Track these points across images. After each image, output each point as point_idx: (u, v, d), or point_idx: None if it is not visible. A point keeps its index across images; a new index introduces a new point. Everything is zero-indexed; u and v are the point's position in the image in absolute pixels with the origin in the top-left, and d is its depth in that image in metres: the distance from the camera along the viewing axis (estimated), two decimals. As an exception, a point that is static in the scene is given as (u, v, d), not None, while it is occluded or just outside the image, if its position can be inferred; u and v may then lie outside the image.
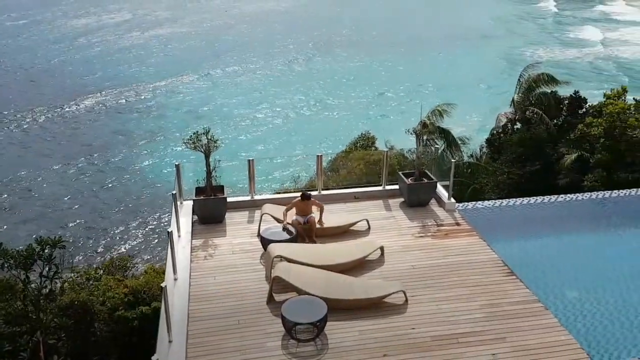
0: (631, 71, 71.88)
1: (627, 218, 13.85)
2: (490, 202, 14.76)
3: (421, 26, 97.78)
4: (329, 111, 58.11)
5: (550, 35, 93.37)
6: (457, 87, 62.05)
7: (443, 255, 11.25)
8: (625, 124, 18.72)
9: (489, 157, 25.60)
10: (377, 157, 18.36)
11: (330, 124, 54.06)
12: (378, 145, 23.93)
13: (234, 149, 45.38)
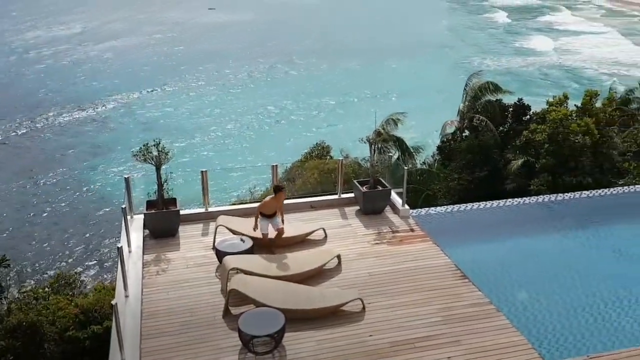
0: (576, 77, 75.50)
1: (571, 220, 14.40)
2: (442, 207, 15.04)
3: (379, 36, 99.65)
4: (285, 121, 58.23)
5: (500, 45, 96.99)
6: (412, 94, 63.45)
7: (398, 261, 11.38)
8: (567, 129, 19.55)
9: (440, 164, 26.22)
10: (332, 165, 18.49)
11: (287, 133, 54.14)
12: (333, 154, 24.10)
13: (190, 161, 44.71)
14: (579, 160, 19.44)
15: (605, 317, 10.28)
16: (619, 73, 73.91)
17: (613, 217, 14.41)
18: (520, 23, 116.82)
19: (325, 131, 49.91)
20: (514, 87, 42.19)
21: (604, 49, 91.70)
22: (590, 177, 19.11)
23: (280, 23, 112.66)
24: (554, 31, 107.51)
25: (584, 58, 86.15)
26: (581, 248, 13.30)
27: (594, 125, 19.73)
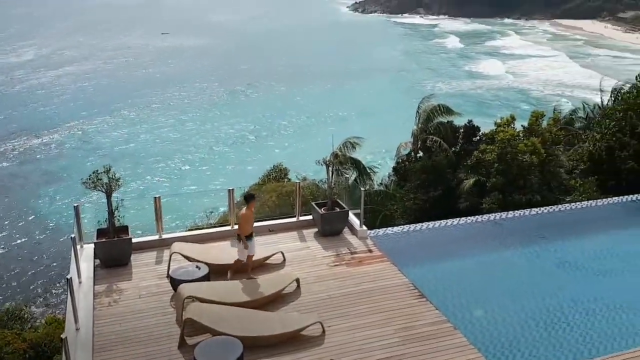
0: (523, 98, 78.62)
1: (522, 237, 14.82)
2: (399, 227, 15.20)
3: (337, 61, 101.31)
4: (243, 144, 57.97)
5: (452, 68, 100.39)
6: (369, 117, 64.54)
7: (357, 282, 11.40)
8: (515, 149, 20.24)
9: (396, 185, 26.61)
10: (290, 188, 18.44)
11: (244, 156, 53.87)
12: (291, 177, 24.10)
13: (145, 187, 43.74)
14: (527, 178, 20.11)
15: (558, 331, 10.55)
16: (563, 94, 77.58)
17: (561, 233, 14.92)
18: (471, 47, 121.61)
19: (283, 153, 49.96)
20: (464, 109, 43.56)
21: (549, 71, 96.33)
22: (539, 195, 19.78)
23: (236, 48, 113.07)
24: (503, 55, 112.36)
25: (530, 80, 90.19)
26: (532, 264, 13.68)
27: (541, 144, 20.51)
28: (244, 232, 11.06)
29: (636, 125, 20.90)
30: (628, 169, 20.57)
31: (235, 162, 51.87)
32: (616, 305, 11.31)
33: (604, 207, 16.31)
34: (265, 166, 27.87)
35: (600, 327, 10.60)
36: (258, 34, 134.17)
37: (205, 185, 44.19)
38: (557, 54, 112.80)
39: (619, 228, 15.37)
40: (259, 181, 23.92)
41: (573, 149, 24.65)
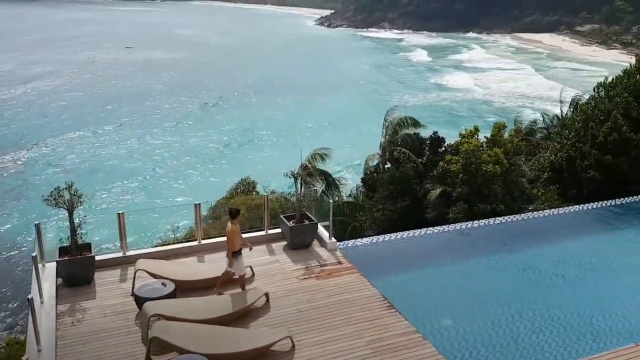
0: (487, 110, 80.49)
1: (486, 245, 15.09)
2: (368, 238, 15.27)
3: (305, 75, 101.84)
4: (211, 158, 57.43)
5: (418, 81, 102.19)
6: (338, 129, 64.93)
7: (327, 295, 11.37)
8: (479, 160, 20.65)
9: (365, 196, 26.76)
10: (259, 201, 18.32)
11: (212, 170, 53.37)
12: (259, 190, 23.98)
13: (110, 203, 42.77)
14: (491, 188, 20.51)
15: (524, 339, 10.72)
16: (524, 105, 79.81)
17: (525, 242, 15.27)
18: (436, 61, 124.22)
19: (252, 167, 49.71)
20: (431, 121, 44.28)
21: (512, 83, 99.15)
22: (503, 204, 20.18)
23: (204, 62, 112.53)
24: (468, 68, 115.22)
25: (494, 92, 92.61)
26: (497, 272, 13.92)
27: (503, 154, 20.99)
28: (234, 248, 10.98)
29: (596, 136, 21.61)
30: (589, 178, 21.20)
31: (203, 176, 51.34)
32: (579, 312, 11.59)
33: (565, 216, 16.77)
34: (234, 180, 27.67)
35: (564, 333, 10.83)
36: (226, 48, 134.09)
37: (172, 200, 43.54)
38: (519, 66, 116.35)
39: (580, 236, 15.83)
40: (227, 195, 23.71)
41: (534, 158, 25.31)
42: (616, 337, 10.55)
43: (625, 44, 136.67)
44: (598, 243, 15.51)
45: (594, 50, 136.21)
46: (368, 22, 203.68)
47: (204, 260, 12.79)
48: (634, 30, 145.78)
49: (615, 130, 21.05)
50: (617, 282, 13.11)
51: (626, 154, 20.85)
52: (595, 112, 22.45)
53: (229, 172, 47.06)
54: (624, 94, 22.07)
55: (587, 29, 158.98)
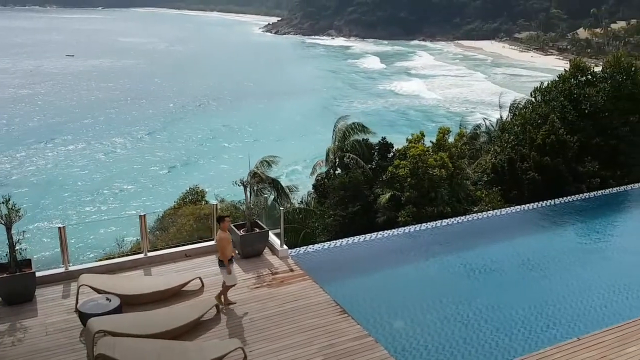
0: (433, 115, 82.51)
1: (435, 247, 15.45)
2: (320, 244, 15.29)
3: (255, 82, 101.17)
4: (157, 168, 56.09)
5: (367, 88, 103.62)
6: (288, 136, 64.86)
7: (279, 303, 11.29)
8: (426, 164, 21.17)
9: (316, 202, 26.86)
10: (208, 211, 18.02)
11: (159, 180, 52.12)
12: (208, 199, 23.60)
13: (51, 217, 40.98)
14: (438, 191, 21.07)
15: (472, 337, 11.00)
16: (468, 110, 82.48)
17: (470, 242, 15.72)
18: (386, 68, 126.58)
19: (201, 176, 48.92)
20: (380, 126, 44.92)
21: (456, 89, 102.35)
22: (449, 206, 20.76)
23: (150, 70, 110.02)
24: (414, 74, 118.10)
25: (439, 97, 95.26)
26: (445, 272, 14.25)
27: (448, 158, 21.61)
28: (226, 257, 10.81)
29: (534, 138, 22.57)
30: (529, 179, 22.11)
31: (150, 187, 50.08)
32: (524, 309, 12.00)
33: (508, 216, 17.38)
34: (182, 189, 27.11)
35: (510, 330, 11.19)
36: (175, 55, 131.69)
37: (117, 212, 42.19)
38: (464, 72, 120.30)
39: (522, 235, 16.45)
40: (175, 205, 23.22)
41: (477, 161, 26.18)
42: (559, 332, 10.98)
43: (561, 50, 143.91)
44: (539, 242, 16.17)
45: (532, 56, 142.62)
46: (315, 30, 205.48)
47: (150, 273, 12.45)
48: (569, 36, 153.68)
49: (553, 133, 22.07)
50: (558, 279, 13.68)
51: (563, 155, 21.87)
52: (533, 115, 23.47)
53: (180, 181, 46.14)
54: (559, 98, 23.20)
55: (524, 35, 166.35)
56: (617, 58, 23.18)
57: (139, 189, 49.70)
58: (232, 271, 10.96)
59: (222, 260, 10.92)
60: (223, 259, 10.87)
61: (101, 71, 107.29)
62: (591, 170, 21.69)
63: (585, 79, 23.48)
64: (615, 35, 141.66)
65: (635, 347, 9.70)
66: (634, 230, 17.78)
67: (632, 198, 19.56)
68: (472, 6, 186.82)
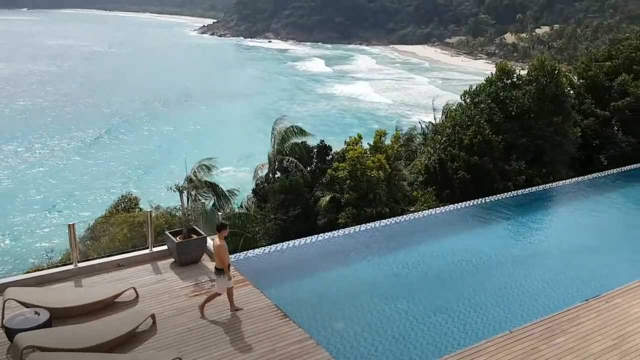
0: (372, 116, 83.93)
1: (375, 247, 15.71)
2: (260, 249, 15.18)
3: (194, 84, 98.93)
4: (90, 175, 53.79)
5: (306, 90, 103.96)
6: (226, 140, 63.92)
7: (219, 311, 11.08)
8: (364, 166, 21.48)
9: (257, 206, 26.63)
10: (142, 218, 17.44)
11: (90, 188, 49.99)
12: (142, 206, 22.84)
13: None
14: (376, 192, 21.42)
15: (410, 334, 11.26)
16: (405, 112, 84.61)
17: (408, 241, 16.11)
18: (325, 71, 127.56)
19: (134, 182, 47.38)
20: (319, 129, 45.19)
21: (393, 92, 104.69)
22: (387, 207, 21.16)
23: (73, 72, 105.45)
24: (352, 77, 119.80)
25: (376, 100, 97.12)
26: (384, 272, 14.52)
27: (385, 160, 22.03)
28: (225, 264, 10.64)
29: (463, 139, 23.43)
30: (459, 179, 22.91)
31: (80, 195, 47.93)
32: (459, 304, 12.42)
33: (442, 215, 17.96)
34: (114, 197, 26.15)
35: (446, 326, 11.53)
36: (110, 58, 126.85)
37: (46, 222, 40.08)
38: (400, 76, 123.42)
39: (456, 233, 17.03)
40: (107, 213, 22.29)
41: (413, 163, 26.87)
42: (492, 326, 11.42)
43: (490, 54, 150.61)
44: (472, 239, 16.79)
45: (462, 60, 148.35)
46: (252, 32, 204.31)
47: (81, 284, 11.90)
48: (497, 41, 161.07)
49: (479, 133, 23.01)
50: (491, 275, 14.25)
51: (490, 154, 22.83)
52: (462, 117, 24.38)
53: (113, 189, 44.47)
54: (487, 100, 24.20)
55: (455, 40, 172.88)
56: (541, 62, 24.43)
57: (70, 197, 47.47)
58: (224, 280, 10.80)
59: (219, 269, 10.75)
60: (223, 267, 10.72)
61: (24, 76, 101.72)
62: (517, 169, 22.76)
63: (510, 81, 24.62)
64: (539, 40, 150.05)
65: (563, 338, 10.24)
66: (559, 225, 18.87)
67: (557, 195, 20.73)
68: (405, 12, 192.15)
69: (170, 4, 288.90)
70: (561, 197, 20.62)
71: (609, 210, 19.52)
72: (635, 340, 10.16)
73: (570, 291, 12.93)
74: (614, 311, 11.19)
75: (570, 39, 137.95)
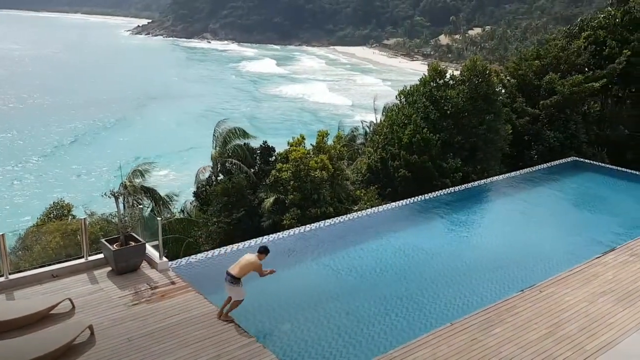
0: (315, 116, 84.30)
1: (319, 247, 15.74)
2: (203, 254, 14.86)
3: (127, 87, 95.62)
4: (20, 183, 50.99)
5: (248, 92, 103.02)
6: (166, 144, 62.24)
7: (161, 319, 10.78)
8: (307, 166, 21.53)
9: (199, 210, 26.11)
10: (76, 226, 16.70)
11: (21, 196, 47.40)
12: (76, 213, 21.88)
13: None
14: (320, 192, 21.52)
15: (356, 332, 11.36)
16: (348, 113, 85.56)
17: (352, 240, 16.25)
18: (264, 72, 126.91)
19: (66, 189, 45.35)
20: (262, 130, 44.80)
21: (337, 93, 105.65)
22: (331, 207, 21.31)
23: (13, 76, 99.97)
24: (299, 78, 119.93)
25: (320, 101, 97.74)
26: (328, 272, 14.58)
27: (328, 160, 22.17)
28: (263, 272, 11.06)
29: (401, 138, 23.96)
30: (400, 177, 23.41)
31: (9, 203, 45.37)
32: (402, 300, 12.67)
33: (385, 213, 18.28)
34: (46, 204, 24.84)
35: (391, 322, 11.72)
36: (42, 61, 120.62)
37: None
38: (342, 77, 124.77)
39: (399, 230, 17.36)
40: (38, 221, 21.17)
41: (355, 162, 27.20)
42: (434, 319, 11.72)
43: (425, 55, 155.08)
44: (415, 235, 17.17)
45: (400, 62, 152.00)
46: (189, 32, 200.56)
47: (13, 297, 11.27)
48: (432, 42, 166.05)
49: (417, 132, 23.61)
50: (431, 269, 14.63)
51: (428, 152, 23.47)
52: (399, 117, 24.93)
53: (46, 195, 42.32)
54: (422, 99, 24.85)
55: (392, 42, 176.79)
56: (474, 62, 25.33)
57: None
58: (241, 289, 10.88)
59: (237, 278, 10.71)
60: (262, 273, 11.00)
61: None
62: (454, 166, 23.52)
63: (443, 81, 25.39)
64: (472, 41, 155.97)
65: (500, 328, 10.64)
66: (494, 219, 19.64)
67: (491, 190, 21.58)
68: (344, 13, 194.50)
69: (102, 4, 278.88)
70: (496, 192, 21.48)
71: (540, 203, 20.52)
72: (568, 327, 10.72)
73: (506, 282, 13.47)
74: (548, 300, 11.76)
75: (501, 40, 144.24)
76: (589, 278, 12.74)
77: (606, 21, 29.29)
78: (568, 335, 10.43)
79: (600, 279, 12.72)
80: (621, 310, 11.28)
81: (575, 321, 10.90)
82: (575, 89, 26.99)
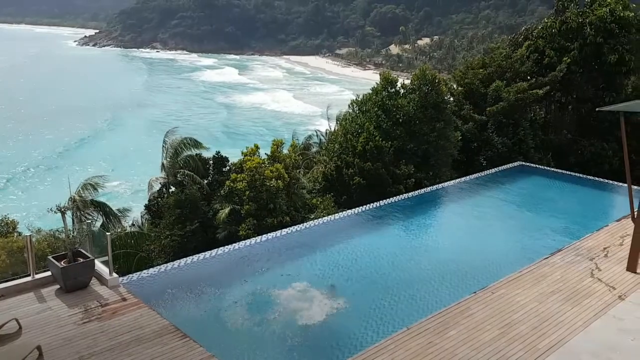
0: (269, 127, 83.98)
1: (276, 257, 15.63)
2: (155, 268, 14.48)
3: (75, 96, 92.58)
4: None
5: (200, 102, 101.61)
6: (115, 156, 60.47)
7: (112, 337, 10.41)
8: (263, 176, 21.38)
9: (150, 223, 25.47)
10: (21, 243, 15.98)
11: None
12: (21, 230, 20.92)
13: None
14: (276, 202, 21.39)
15: (313, 343, 11.32)
16: (302, 122, 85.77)
17: (310, 249, 16.24)
18: (216, 81, 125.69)
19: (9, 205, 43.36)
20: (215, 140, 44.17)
21: (292, 102, 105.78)
22: (288, 216, 21.22)
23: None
24: (252, 88, 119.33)
25: (275, 109, 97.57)
26: (285, 283, 14.43)
27: (284, 169, 22.10)
28: None
29: (355, 146, 24.22)
30: (355, 184, 23.61)
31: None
32: (358, 308, 12.72)
33: (341, 220, 18.37)
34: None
35: (349, 329, 11.75)
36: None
37: None
38: (296, 86, 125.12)
39: (355, 237, 17.50)
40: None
41: (311, 171, 27.24)
42: (391, 324, 11.82)
43: (377, 65, 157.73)
44: (371, 242, 17.33)
45: (353, 71, 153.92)
46: (138, 42, 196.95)
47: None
48: (383, 52, 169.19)
49: (370, 140, 23.93)
50: (387, 274, 14.76)
51: (381, 160, 23.81)
52: (353, 125, 25.22)
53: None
54: (374, 108, 25.23)
55: (345, 52, 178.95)
56: (423, 71, 25.91)
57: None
58: None
59: None
60: None
61: None
62: (407, 172, 23.94)
63: (394, 90, 25.86)
64: (421, 51, 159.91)
65: (455, 331, 10.83)
66: (447, 224, 20.09)
67: (443, 195, 22.07)
68: (296, 23, 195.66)
69: (48, 14, 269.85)
70: (447, 197, 21.99)
71: (489, 207, 21.14)
72: (519, 327, 11.02)
73: (460, 285, 13.75)
74: (500, 301, 12.07)
75: (449, 50, 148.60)
76: (538, 278, 13.16)
77: (544, 31, 30.57)
78: (520, 334, 10.72)
79: (549, 279, 13.15)
80: (569, 309, 11.70)
81: (527, 321, 11.22)
82: (520, 96, 28.03)
